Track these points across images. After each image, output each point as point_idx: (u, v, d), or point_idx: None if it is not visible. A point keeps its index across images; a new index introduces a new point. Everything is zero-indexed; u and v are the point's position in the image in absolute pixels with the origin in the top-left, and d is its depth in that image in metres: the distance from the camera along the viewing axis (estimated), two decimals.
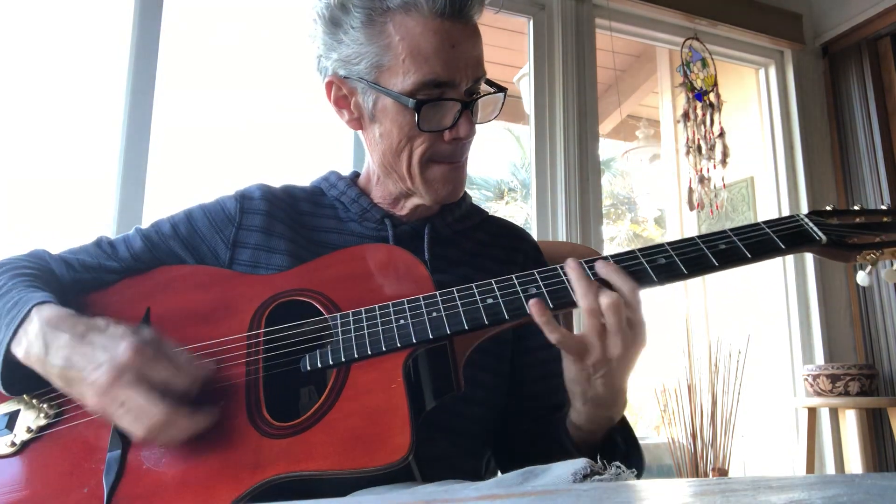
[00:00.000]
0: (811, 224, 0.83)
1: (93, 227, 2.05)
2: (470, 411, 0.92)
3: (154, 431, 0.68)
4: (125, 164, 1.96)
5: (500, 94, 0.92)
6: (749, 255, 0.80)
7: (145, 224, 0.98)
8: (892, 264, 0.85)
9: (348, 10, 0.87)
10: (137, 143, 1.98)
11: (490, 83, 0.92)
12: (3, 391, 0.79)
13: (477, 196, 9.26)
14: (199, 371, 0.73)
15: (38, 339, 0.73)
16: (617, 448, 0.84)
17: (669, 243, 0.82)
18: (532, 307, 0.75)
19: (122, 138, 1.97)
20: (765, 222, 0.83)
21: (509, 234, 1.06)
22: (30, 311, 0.75)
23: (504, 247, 1.03)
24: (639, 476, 0.83)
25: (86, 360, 0.70)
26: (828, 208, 0.88)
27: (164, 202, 2.08)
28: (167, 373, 0.70)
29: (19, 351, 0.75)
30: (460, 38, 0.86)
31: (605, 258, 0.80)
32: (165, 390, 0.70)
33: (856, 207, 0.88)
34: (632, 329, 0.75)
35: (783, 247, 0.81)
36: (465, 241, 1.01)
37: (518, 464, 0.96)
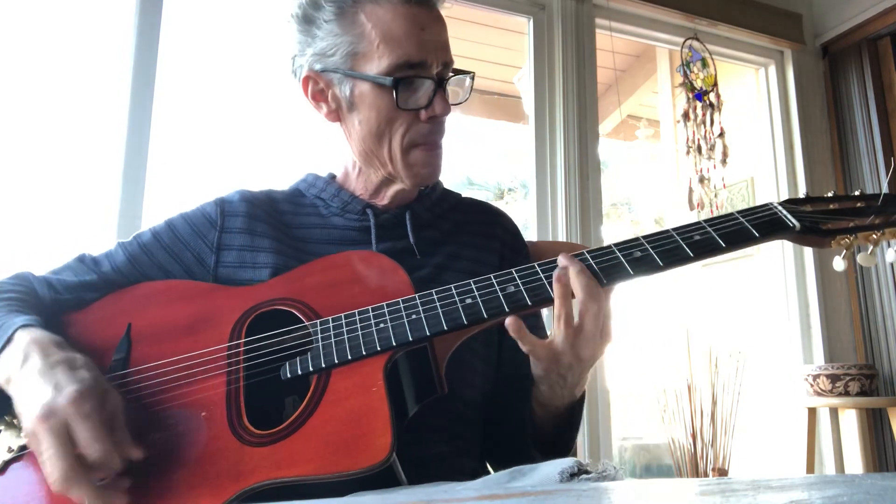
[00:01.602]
0: (784, 212, 0.84)
1: (93, 227, 2.05)
2: (466, 413, 0.93)
3: (59, 487, 0.65)
4: (126, 164, 1.95)
5: (468, 76, 0.98)
6: (723, 245, 0.80)
7: (143, 227, 0.99)
8: (867, 249, 0.85)
9: (320, 5, 0.92)
10: (138, 143, 1.98)
11: (456, 70, 0.96)
12: None
13: (477, 196, 9.21)
14: (125, 453, 0.68)
15: (18, 358, 0.73)
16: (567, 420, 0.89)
17: (644, 236, 0.82)
18: (508, 326, 0.77)
19: (123, 138, 1.97)
20: (739, 212, 0.84)
21: (486, 213, 1.09)
22: (13, 334, 0.75)
23: (482, 222, 1.06)
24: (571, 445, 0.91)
25: (36, 391, 0.69)
26: (801, 195, 0.89)
27: (164, 202, 2.08)
28: (87, 435, 0.66)
29: (1, 375, 0.74)
30: (427, 22, 0.91)
31: (579, 255, 0.81)
32: (81, 453, 0.66)
33: (829, 194, 0.88)
34: (600, 329, 0.78)
35: (757, 235, 0.81)
36: (444, 222, 1.04)
37: (492, 442, 0.98)
